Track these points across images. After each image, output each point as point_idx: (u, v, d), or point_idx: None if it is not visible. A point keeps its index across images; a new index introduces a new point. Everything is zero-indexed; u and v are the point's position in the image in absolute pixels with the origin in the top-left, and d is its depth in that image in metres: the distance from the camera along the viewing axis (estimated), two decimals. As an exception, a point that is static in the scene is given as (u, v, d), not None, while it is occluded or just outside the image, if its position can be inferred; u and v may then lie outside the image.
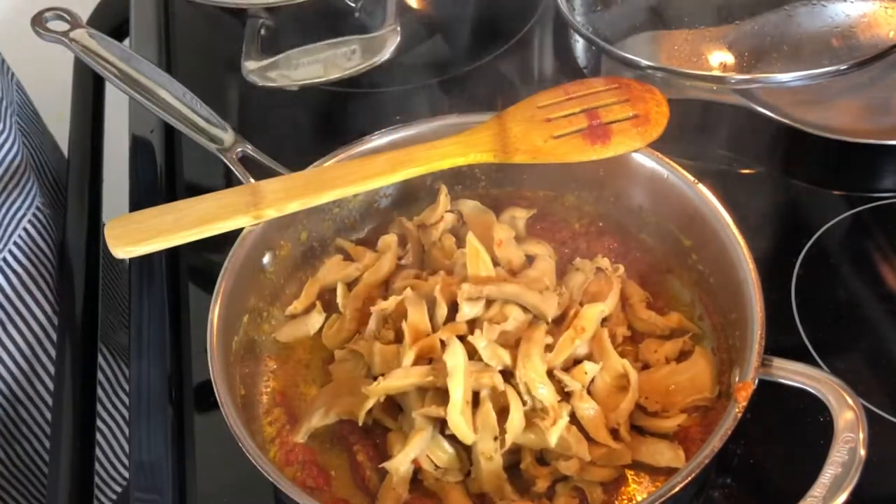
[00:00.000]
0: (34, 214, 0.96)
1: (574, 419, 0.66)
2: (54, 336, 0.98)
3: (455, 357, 0.65)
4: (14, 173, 0.94)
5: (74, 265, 0.93)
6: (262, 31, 0.90)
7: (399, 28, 0.85)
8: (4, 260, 0.92)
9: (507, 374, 0.67)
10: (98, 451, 1.04)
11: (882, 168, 0.88)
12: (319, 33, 0.87)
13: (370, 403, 0.67)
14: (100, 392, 1.05)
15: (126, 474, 1.10)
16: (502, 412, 0.65)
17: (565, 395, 0.67)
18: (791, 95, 0.89)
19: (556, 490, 0.66)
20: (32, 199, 0.96)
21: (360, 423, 0.68)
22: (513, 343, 0.69)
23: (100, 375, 1.04)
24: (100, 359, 1.03)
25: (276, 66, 0.85)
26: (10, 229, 0.93)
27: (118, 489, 1.10)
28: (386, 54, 0.84)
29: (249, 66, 0.85)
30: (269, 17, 0.91)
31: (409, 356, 0.67)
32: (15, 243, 0.93)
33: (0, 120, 0.92)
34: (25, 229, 0.94)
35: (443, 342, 0.66)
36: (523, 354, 0.66)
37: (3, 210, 0.92)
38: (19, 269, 0.93)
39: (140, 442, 0.74)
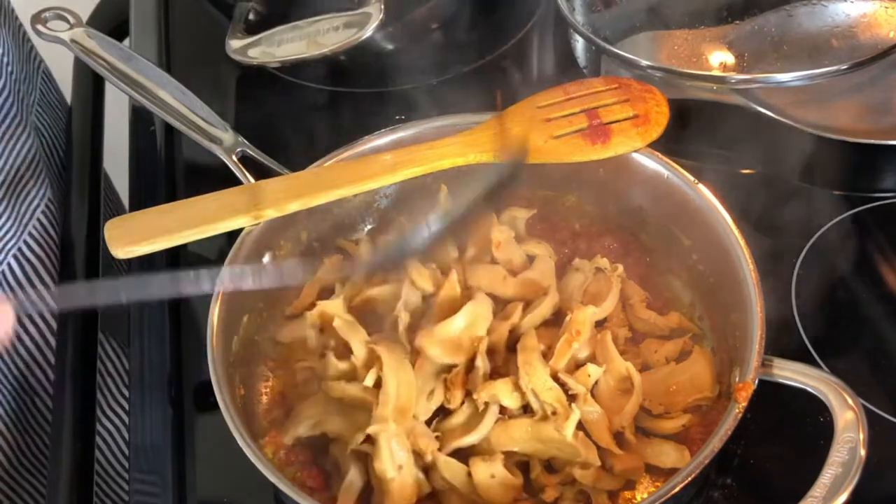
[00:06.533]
0: (46, 205, 0.96)
1: (579, 424, 0.66)
2: None
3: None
4: (30, 165, 0.94)
5: (76, 265, 0.93)
6: (251, 15, 0.90)
7: (382, 5, 0.84)
8: (20, 250, 0.93)
9: (497, 375, 0.67)
10: (102, 446, 1.04)
11: (882, 168, 0.88)
12: (308, 13, 0.87)
13: (361, 438, 0.65)
14: (109, 383, 1.05)
15: (126, 475, 1.10)
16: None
17: (569, 399, 0.67)
18: (791, 95, 0.88)
19: (561, 494, 0.66)
20: (45, 191, 0.97)
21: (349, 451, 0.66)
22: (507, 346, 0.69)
23: (108, 366, 1.04)
24: (105, 349, 1.03)
25: (260, 44, 0.85)
26: (27, 219, 0.94)
27: (118, 489, 1.10)
28: (369, 30, 0.84)
29: (233, 44, 0.86)
30: (257, 1, 0.90)
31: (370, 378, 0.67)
32: (30, 233, 0.94)
33: (19, 113, 0.93)
34: (39, 220, 0.95)
35: None
36: (524, 363, 0.66)
37: (21, 200, 0.93)
38: (34, 259, 0.94)
39: (140, 441, 0.74)
